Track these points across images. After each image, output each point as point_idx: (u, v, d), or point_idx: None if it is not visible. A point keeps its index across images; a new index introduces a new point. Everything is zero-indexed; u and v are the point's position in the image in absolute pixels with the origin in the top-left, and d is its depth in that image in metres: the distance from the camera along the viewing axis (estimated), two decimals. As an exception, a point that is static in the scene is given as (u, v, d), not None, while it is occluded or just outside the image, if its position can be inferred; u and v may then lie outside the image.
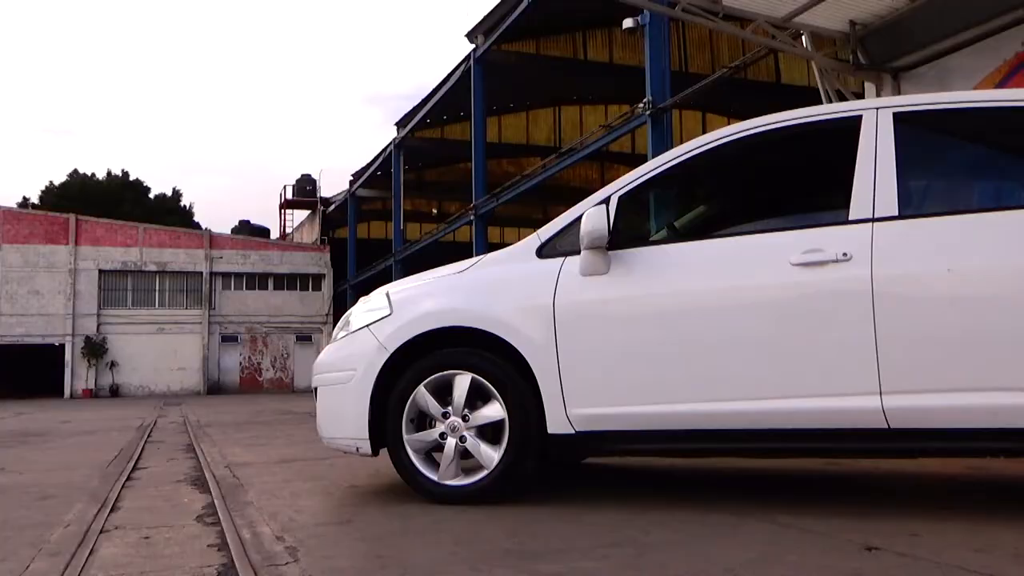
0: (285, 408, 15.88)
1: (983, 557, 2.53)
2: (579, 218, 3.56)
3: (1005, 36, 7.68)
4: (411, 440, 3.68)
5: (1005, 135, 3.59)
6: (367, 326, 3.86)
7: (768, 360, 3.29)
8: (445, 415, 3.64)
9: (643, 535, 2.95)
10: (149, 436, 8.80)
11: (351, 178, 34.82)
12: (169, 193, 52.70)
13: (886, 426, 3.16)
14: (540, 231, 3.79)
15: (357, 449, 3.80)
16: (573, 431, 3.50)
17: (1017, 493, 4.00)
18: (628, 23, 13.43)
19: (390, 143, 28.70)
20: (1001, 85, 7.57)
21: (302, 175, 41.66)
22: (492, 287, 3.73)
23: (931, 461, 4.75)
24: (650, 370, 3.43)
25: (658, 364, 3.42)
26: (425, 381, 3.66)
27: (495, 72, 21.20)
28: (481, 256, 4.01)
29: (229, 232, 41.49)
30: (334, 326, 4.79)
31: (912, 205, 3.39)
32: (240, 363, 35.70)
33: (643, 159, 14.26)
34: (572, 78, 24.78)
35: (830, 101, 8.98)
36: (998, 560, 2.49)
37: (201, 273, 35.40)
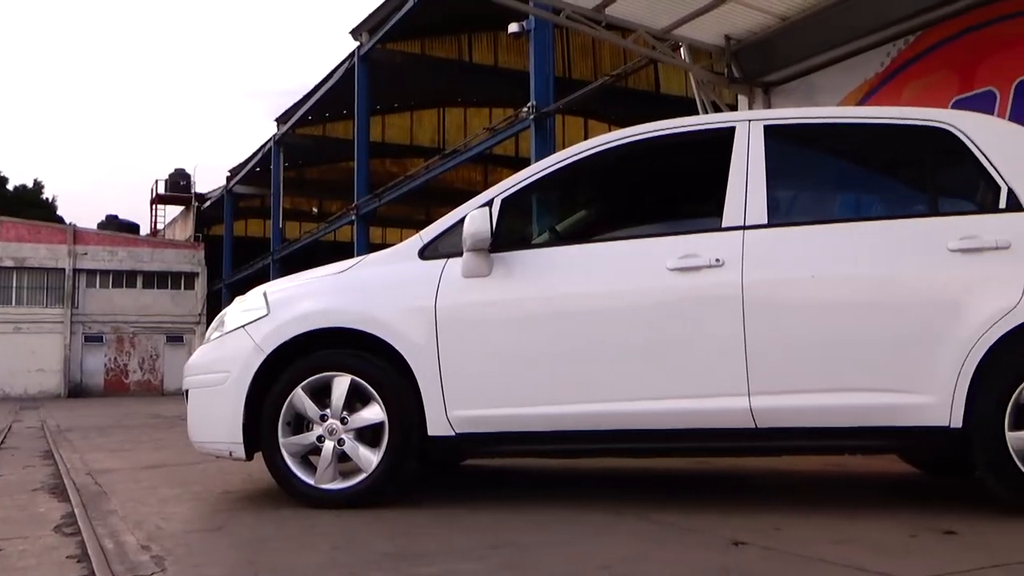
0: (154, 411, 15.25)
1: (841, 548, 2.67)
2: (462, 220, 3.56)
3: (867, 57, 8.14)
4: (287, 443, 3.59)
5: (865, 149, 3.81)
6: (243, 326, 3.74)
7: (644, 362, 3.38)
8: (323, 418, 3.56)
9: (521, 535, 2.97)
10: (3, 442, 8.28)
11: (228, 174, 33.78)
12: (30, 185, 49.80)
13: (754, 426, 3.29)
14: (423, 232, 3.77)
15: (230, 453, 3.68)
16: (454, 433, 3.49)
17: (872, 488, 4.24)
18: (514, 27, 13.56)
19: (270, 139, 28.00)
20: (862, 102, 8.03)
21: (176, 169, 40.06)
22: (373, 288, 3.69)
23: (794, 458, 4.97)
24: (530, 372, 3.46)
25: (538, 366, 3.46)
26: (303, 383, 3.58)
27: (379, 71, 20.99)
28: (362, 257, 3.96)
29: (95, 227, 39.48)
30: (207, 327, 4.62)
31: (780, 214, 3.55)
32: (105, 364, 34.06)
33: (527, 163, 14.40)
34: (457, 80, 24.80)
35: (706, 112, 9.30)
36: (854, 551, 2.63)
37: (63, 270, 33.58)
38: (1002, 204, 3.33)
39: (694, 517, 3.24)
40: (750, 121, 3.63)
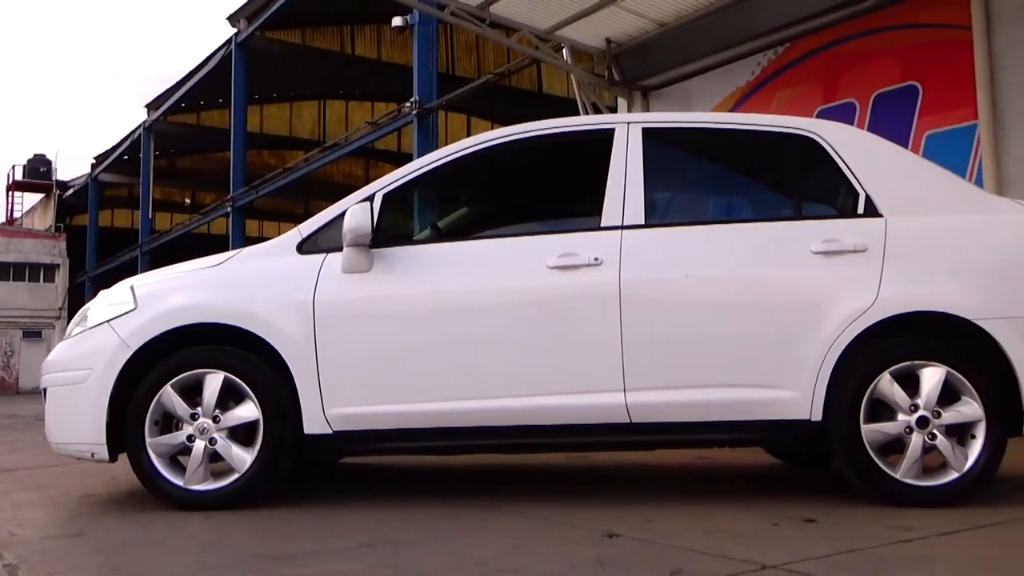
0: (8, 411, 14.37)
1: (709, 538, 2.77)
2: (342, 214, 3.50)
3: (740, 65, 8.47)
4: (155, 443, 3.44)
5: (736, 154, 3.97)
6: (107, 321, 3.57)
7: (523, 359, 3.42)
8: (194, 416, 3.44)
9: (397, 533, 2.95)
10: None
11: (93, 161, 32.08)
12: None
13: (629, 421, 3.37)
14: (301, 226, 3.69)
15: (92, 455, 3.50)
16: (331, 431, 3.43)
17: (739, 479, 4.42)
18: (397, 21, 13.43)
19: (139, 126, 26.78)
20: (735, 109, 8.35)
21: (35, 155, 37.68)
22: (249, 282, 3.59)
23: (667, 452, 5.13)
24: (409, 369, 3.44)
25: (417, 363, 3.44)
26: (173, 380, 3.44)
27: (258, 59, 20.39)
28: (238, 250, 3.84)
29: (-57, 214, 36.87)
30: (69, 321, 4.38)
31: (657, 215, 3.66)
32: (-45, 361, 31.88)
33: (409, 158, 14.30)
34: (339, 72, 24.34)
35: (587, 113, 9.47)
36: (721, 540, 2.73)
37: (-93, 260, 31.24)
38: (860, 210, 3.53)
39: (569, 511, 3.29)
40: (629, 123, 3.71)
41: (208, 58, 21.79)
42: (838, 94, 7.65)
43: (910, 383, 3.30)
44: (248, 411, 3.42)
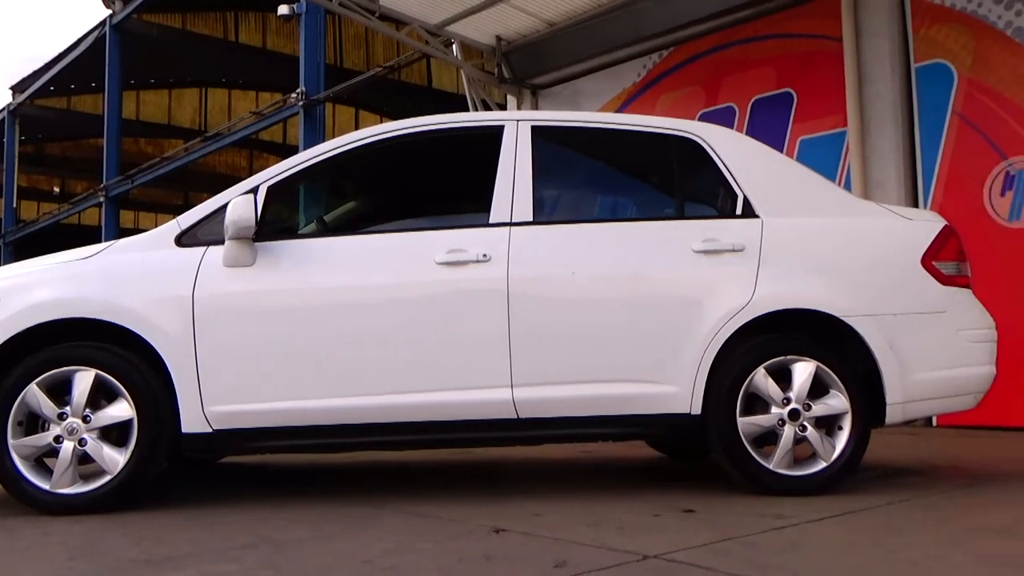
0: None
1: (593, 531, 2.82)
2: (224, 206, 3.40)
3: (626, 67, 8.65)
4: (18, 445, 3.25)
5: (623, 154, 4.05)
6: (-35, 316, 3.35)
7: (411, 355, 3.39)
8: (62, 416, 3.26)
9: (280, 533, 2.89)
10: None
11: (-49, 145, 30.07)
12: None
13: (516, 416, 3.40)
14: (181, 218, 3.55)
15: (-52, 457, 3.28)
16: (210, 429, 3.33)
17: (622, 473, 4.52)
18: (283, 10, 13.10)
19: (3, 109, 25.24)
20: (621, 109, 8.53)
21: None
22: (124, 275, 3.43)
23: (553, 447, 5.20)
24: (294, 366, 3.37)
25: (302, 359, 3.37)
26: (39, 379, 3.26)
27: (135, 43, 19.52)
28: (112, 242, 3.67)
29: None
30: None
31: (545, 212, 3.70)
32: None
33: (294, 150, 14.00)
34: (222, 59, 23.56)
35: (477, 110, 9.49)
36: (605, 532, 2.79)
37: None
38: (738, 210, 3.66)
39: (457, 507, 3.29)
40: (519, 121, 3.74)
41: (80, 40, 20.70)
42: (719, 98, 7.92)
43: (783, 377, 3.45)
44: (121, 410, 3.28)
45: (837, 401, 3.45)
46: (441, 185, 4.24)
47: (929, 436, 5.95)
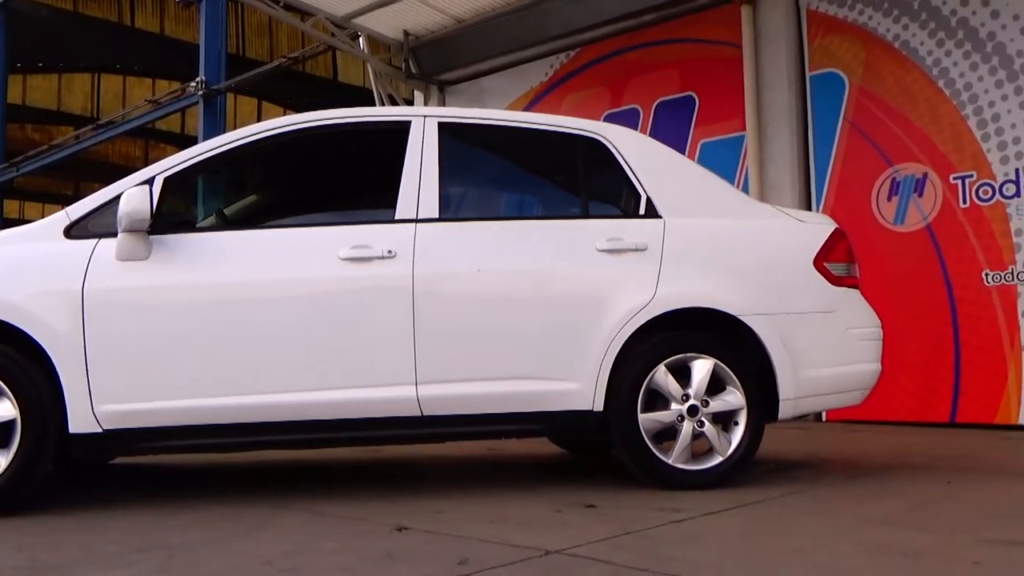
0: None
1: (496, 527, 2.83)
2: (118, 197, 3.27)
3: (534, 66, 8.71)
4: None
5: (529, 152, 4.07)
6: None
7: (313, 352, 3.34)
8: (-62, 416, 3.09)
9: (176, 536, 2.80)
10: None
11: None
12: None
13: (420, 414, 3.38)
14: (70, 209, 3.40)
15: None
16: (101, 429, 3.20)
17: (525, 469, 4.55)
18: (183, -5, 12.69)
19: None
20: (528, 108, 8.58)
21: None
22: (7, 269, 3.26)
23: (457, 444, 5.20)
24: (192, 363, 3.26)
25: (201, 357, 3.27)
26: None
27: (21, 24, 18.58)
28: (-6, 232, 3.49)
29: None
30: None
31: (451, 209, 3.69)
32: None
33: (193, 141, 13.58)
34: (117, 44, 22.67)
35: (383, 104, 9.39)
36: (507, 528, 2.81)
37: None
38: (642, 210, 3.73)
39: (359, 506, 3.26)
40: (425, 117, 3.72)
41: (-39, 19, 19.59)
42: (624, 100, 8.05)
43: (683, 374, 3.54)
44: (3, 410, 3.12)
45: (734, 397, 3.55)
46: (346, 180, 4.18)
47: (818, 431, 6.19)
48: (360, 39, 9.43)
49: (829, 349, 3.74)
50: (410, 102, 9.88)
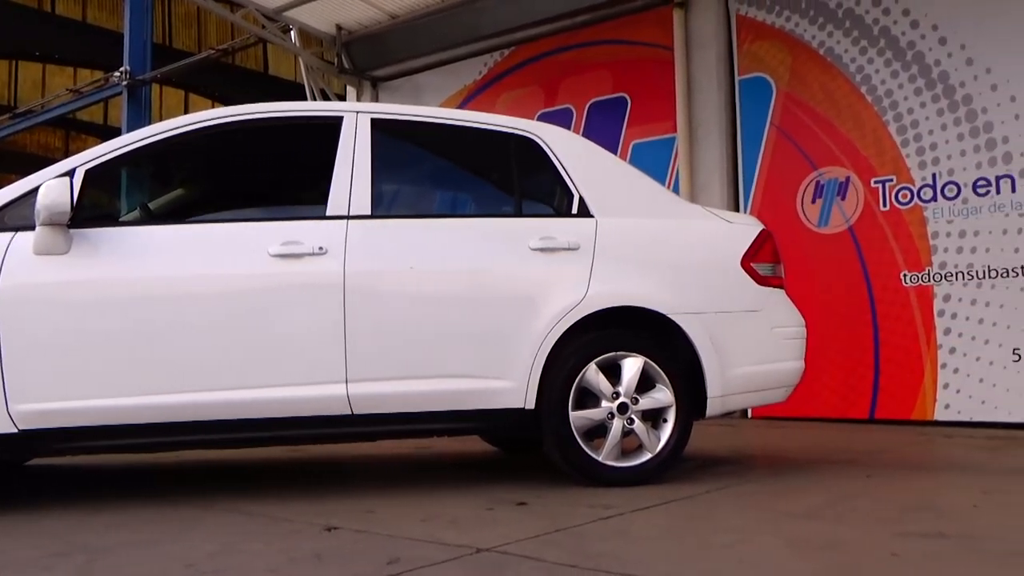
0: None
1: (427, 526, 2.82)
2: (36, 189, 3.16)
3: (468, 64, 8.70)
4: None
5: (463, 150, 4.07)
6: None
7: (241, 350, 3.28)
8: None
9: (96, 539, 2.72)
10: None
11: None
12: None
13: (350, 412, 3.35)
14: (-16, 200, 3.28)
15: None
16: (16, 429, 3.08)
17: (457, 467, 4.54)
18: (107, -18, 12.32)
19: None
20: (462, 106, 8.57)
21: None
22: (-84, 262, 3.13)
23: (388, 443, 5.17)
24: (115, 361, 3.17)
25: (124, 354, 3.18)
26: None
27: (-66, 7, 17.84)
28: (-99, 224, 3.33)
29: None
30: None
31: (383, 206, 3.66)
32: None
33: (117, 132, 13.21)
34: (36, 30, 21.93)
35: (315, 99, 9.27)
36: (438, 527, 2.80)
37: None
38: (574, 210, 3.76)
39: (288, 506, 3.21)
40: (358, 112, 3.68)
41: None
42: (558, 99, 8.10)
43: (613, 372, 3.57)
44: (-88, 409, 2.99)
45: (663, 395, 3.61)
46: (276, 175, 4.11)
47: (744, 427, 6.33)
48: (292, 32, 9.29)
49: (755, 348, 3.82)
50: (342, 97, 9.78)
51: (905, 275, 6.24)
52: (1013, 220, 5.86)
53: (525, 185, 3.98)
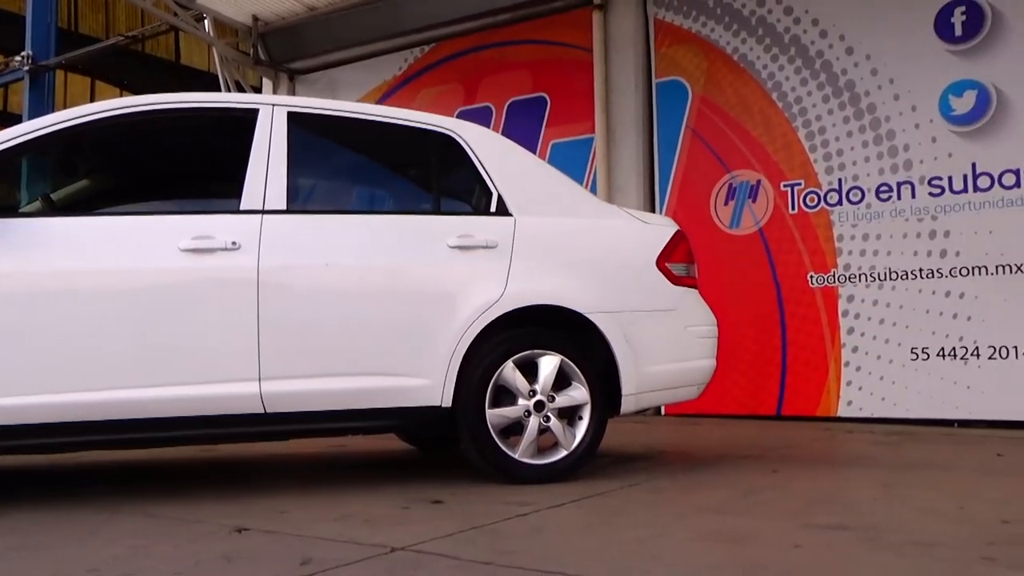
0: None
1: (342, 525, 2.79)
2: (-72, 177, 3.00)
3: (387, 59, 8.63)
4: None
5: (382, 146, 4.03)
6: None
7: (150, 347, 3.18)
8: None
9: (-7, 544, 2.60)
10: None
11: None
12: None
13: (263, 411, 3.29)
14: None
15: None
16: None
17: (372, 466, 4.51)
18: (8, -38, 11.79)
19: None
20: (381, 101, 8.49)
21: None
22: None
23: (302, 442, 5.09)
24: (13, 358, 3.04)
25: (21, 352, 3.05)
26: None
27: None
28: None
29: None
30: None
31: (299, 201, 3.60)
32: None
33: (18, 119, 12.63)
34: (-71, 11, 20.82)
35: (229, 90, 9.06)
36: (352, 526, 2.77)
37: None
38: (493, 208, 3.77)
39: (197, 508, 3.13)
40: (274, 105, 3.61)
41: None
42: (477, 97, 8.10)
43: (530, 370, 3.60)
44: None
45: (579, 393, 3.65)
46: (188, 168, 3.99)
47: (657, 424, 6.46)
48: (206, 21, 9.06)
49: (669, 346, 3.90)
50: (258, 90, 9.59)
51: (812, 276, 6.45)
52: (912, 224, 6.12)
53: (444, 182, 3.97)
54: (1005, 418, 5.69)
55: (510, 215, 3.75)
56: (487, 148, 3.89)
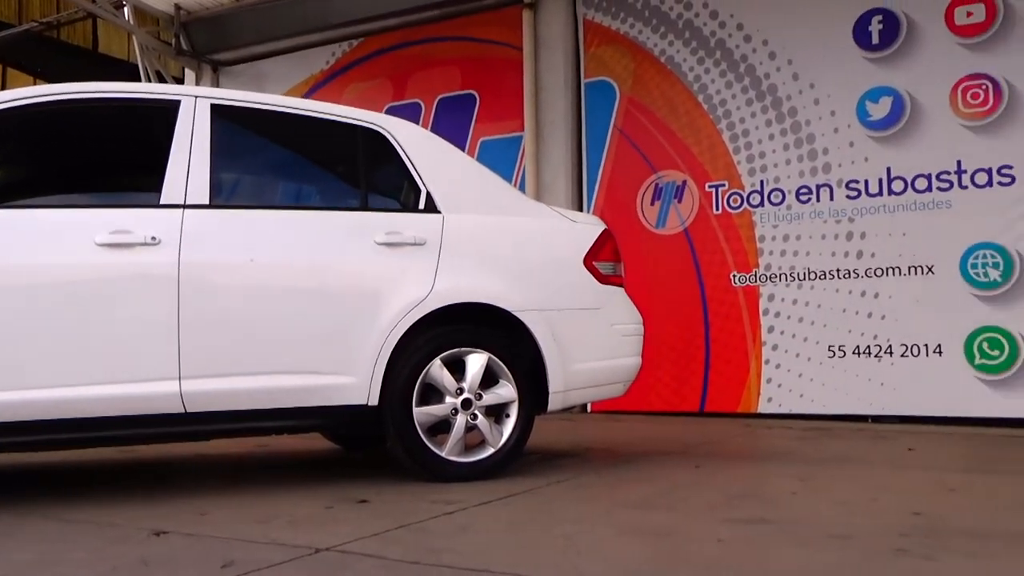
0: None
1: (264, 527, 2.74)
2: None
3: (314, 52, 8.51)
4: None
5: (309, 141, 3.96)
6: None
7: (65, 345, 3.07)
8: None
9: None
10: None
11: None
12: None
13: (184, 411, 3.21)
14: None
15: None
16: None
17: (296, 466, 4.44)
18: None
19: None
20: (308, 95, 8.36)
21: None
22: None
23: (224, 442, 4.98)
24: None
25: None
26: None
27: None
28: None
29: None
30: None
31: (223, 195, 3.52)
32: None
33: (-77, 106, 12.06)
34: None
35: (150, 81, 8.82)
36: (276, 528, 2.73)
37: None
38: (421, 205, 3.75)
39: (113, 511, 3.04)
40: (197, 97, 3.53)
41: None
42: (406, 93, 8.05)
43: (458, 368, 3.59)
44: None
45: (506, 391, 3.65)
46: (106, 160, 3.86)
47: (583, 421, 6.51)
48: (125, 8, 8.79)
49: (596, 344, 3.94)
50: (180, 81, 9.35)
51: (735, 275, 6.59)
52: (831, 226, 6.31)
53: (372, 178, 3.93)
54: (916, 413, 5.91)
55: (439, 212, 3.74)
56: (416, 145, 3.86)
